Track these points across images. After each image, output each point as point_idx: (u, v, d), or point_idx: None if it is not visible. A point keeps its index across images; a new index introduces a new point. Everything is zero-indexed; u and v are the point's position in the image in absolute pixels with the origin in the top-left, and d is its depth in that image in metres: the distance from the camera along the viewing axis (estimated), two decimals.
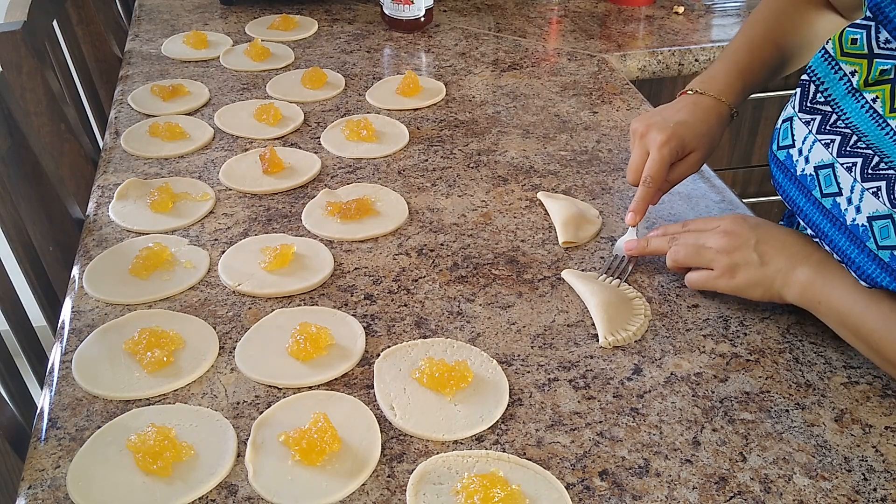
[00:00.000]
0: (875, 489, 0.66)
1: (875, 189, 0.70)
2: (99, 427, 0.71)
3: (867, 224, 0.70)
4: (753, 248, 0.80)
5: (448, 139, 1.17)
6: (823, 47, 0.78)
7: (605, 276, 0.89)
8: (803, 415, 0.73)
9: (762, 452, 0.69)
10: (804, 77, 0.79)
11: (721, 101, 0.93)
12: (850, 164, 0.72)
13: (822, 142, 0.76)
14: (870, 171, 0.71)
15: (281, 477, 0.67)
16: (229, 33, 1.50)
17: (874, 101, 0.73)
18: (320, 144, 1.15)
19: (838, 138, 0.75)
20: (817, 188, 0.77)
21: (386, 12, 1.50)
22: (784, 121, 0.81)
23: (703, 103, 0.93)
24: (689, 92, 0.95)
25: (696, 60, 1.47)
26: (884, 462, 0.68)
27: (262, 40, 1.41)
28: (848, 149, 0.73)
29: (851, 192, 0.72)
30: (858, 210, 0.71)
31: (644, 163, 0.90)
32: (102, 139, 1.23)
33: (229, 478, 0.67)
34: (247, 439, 0.70)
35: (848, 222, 0.73)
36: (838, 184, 0.74)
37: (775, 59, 0.97)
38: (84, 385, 0.76)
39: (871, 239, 0.70)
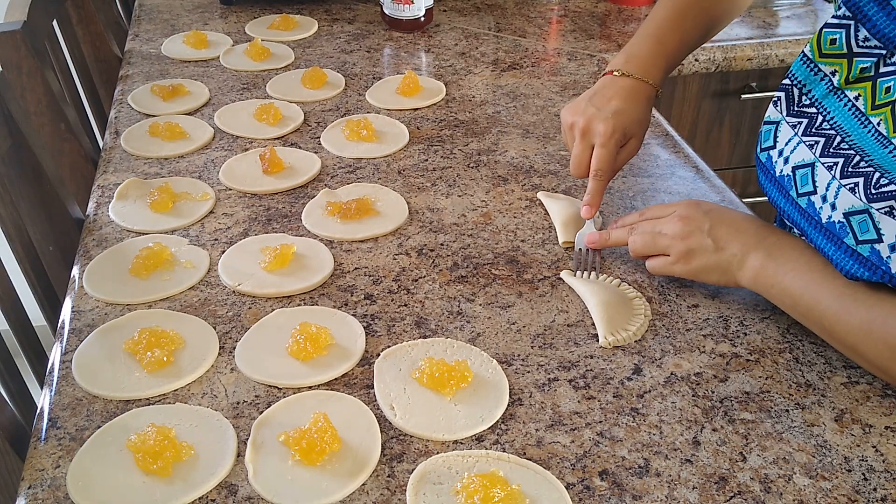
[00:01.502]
0: (875, 489, 0.66)
1: (852, 185, 0.70)
2: (99, 427, 0.71)
3: (844, 220, 0.71)
4: (707, 233, 0.81)
5: (448, 139, 1.16)
6: (802, 51, 0.79)
7: (580, 273, 0.89)
8: (803, 415, 0.73)
9: (762, 452, 0.69)
10: (786, 82, 0.80)
11: (648, 83, 0.95)
12: (832, 164, 0.73)
13: (807, 143, 0.76)
14: (849, 170, 0.72)
15: (281, 477, 0.67)
16: (229, 33, 1.50)
17: (856, 98, 0.74)
18: (320, 144, 1.15)
19: (822, 139, 0.75)
20: (793, 188, 0.78)
21: (386, 12, 1.50)
22: (766, 124, 0.82)
23: (632, 88, 0.95)
24: (615, 73, 0.96)
25: (696, 60, 1.48)
26: (884, 462, 0.68)
27: (262, 40, 1.41)
28: (831, 150, 0.74)
29: (827, 190, 0.73)
30: (834, 207, 0.72)
31: (590, 156, 0.92)
32: (102, 139, 1.23)
33: (229, 478, 0.67)
34: (247, 439, 0.70)
35: (823, 220, 0.73)
36: (814, 182, 0.75)
37: (701, 30, 0.99)
38: (84, 385, 0.76)
39: (850, 234, 0.71)
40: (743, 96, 1.57)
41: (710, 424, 0.72)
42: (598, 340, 0.81)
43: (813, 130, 0.77)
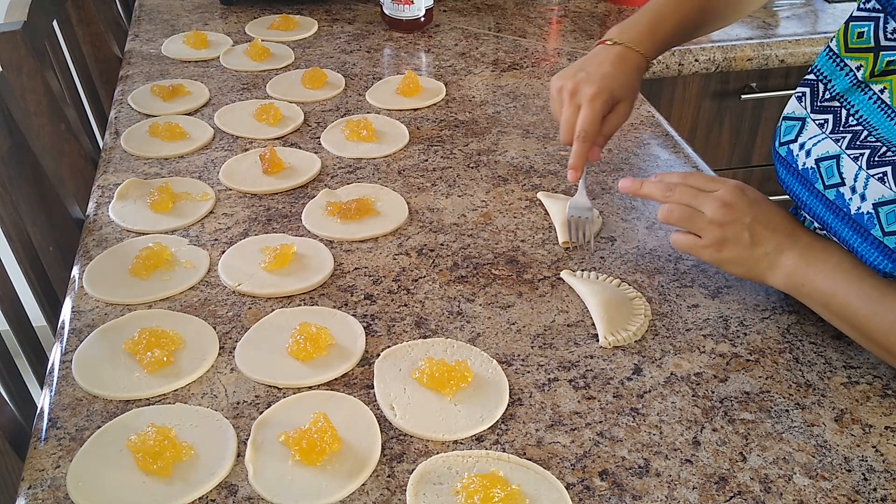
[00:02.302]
0: (875, 489, 0.66)
1: (881, 175, 0.70)
2: (99, 427, 0.71)
3: (873, 211, 0.71)
4: (747, 227, 0.78)
5: (448, 139, 1.16)
6: (828, 45, 0.78)
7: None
8: (803, 415, 0.73)
9: (762, 452, 0.69)
10: (810, 77, 0.80)
11: (638, 51, 0.96)
12: (857, 155, 0.73)
13: (833, 139, 0.76)
14: (876, 159, 0.71)
15: (281, 477, 0.67)
16: (229, 33, 1.50)
17: (882, 91, 0.74)
18: (320, 144, 1.15)
19: (850, 135, 0.75)
20: (819, 181, 0.77)
21: (386, 12, 1.50)
22: (787, 119, 0.82)
23: (622, 54, 0.96)
24: (608, 42, 0.97)
25: (696, 60, 1.48)
26: (884, 462, 0.68)
27: (262, 40, 1.41)
28: (858, 143, 0.74)
29: (855, 181, 0.73)
30: (863, 198, 0.72)
31: (577, 119, 0.92)
32: (102, 139, 1.23)
33: (229, 478, 0.67)
34: (247, 439, 0.70)
35: (852, 212, 0.73)
36: (841, 174, 0.74)
37: (700, 16, 1.00)
38: (84, 385, 0.76)
39: (877, 226, 0.70)
40: (743, 96, 1.57)
41: (710, 424, 0.72)
42: (598, 340, 0.81)
43: (840, 128, 0.76)
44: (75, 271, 0.92)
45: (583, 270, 0.90)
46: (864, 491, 0.66)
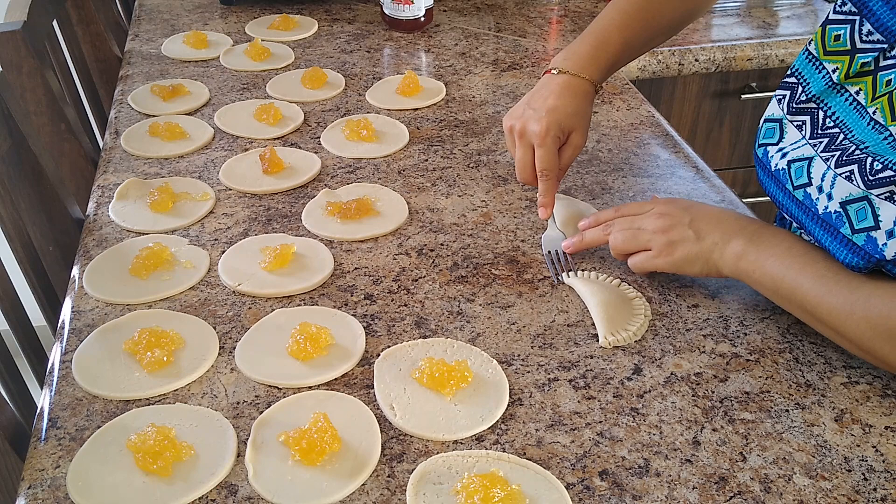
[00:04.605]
0: (875, 489, 0.66)
1: (847, 173, 0.71)
2: (99, 427, 0.71)
3: (840, 210, 0.71)
4: (688, 226, 0.82)
5: (448, 139, 1.16)
6: (806, 48, 0.79)
7: (555, 275, 0.90)
8: (803, 415, 0.73)
9: (762, 452, 0.69)
10: (791, 80, 0.81)
11: (583, 78, 0.96)
12: (829, 157, 0.74)
13: (811, 143, 0.77)
14: (844, 158, 0.72)
15: (281, 477, 0.67)
16: (229, 33, 1.50)
17: (857, 93, 0.75)
18: (320, 144, 1.15)
19: (826, 139, 0.76)
20: (789, 181, 0.78)
21: (386, 12, 1.50)
22: (768, 121, 0.82)
23: (567, 83, 0.96)
24: (553, 72, 0.98)
25: (696, 60, 1.48)
26: (884, 462, 0.68)
27: (262, 40, 1.41)
28: (834, 146, 0.74)
29: (822, 181, 0.73)
30: (830, 197, 0.72)
31: (531, 159, 0.95)
32: (102, 139, 1.23)
33: (229, 478, 0.67)
34: (247, 439, 0.70)
35: (820, 211, 0.74)
36: (809, 175, 0.75)
37: (645, 33, 1.01)
38: (84, 385, 0.76)
39: (846, 224, 0.71)
40: (743, 96, 1.57)
41: (710, 424, 0.72)
42: (598, 340, 0.81)
43: (819, 132, 0.77)
44: (75, 271, 0.92)
45: (583, 270, 0.90)
46: (864, 491, 0.66)
